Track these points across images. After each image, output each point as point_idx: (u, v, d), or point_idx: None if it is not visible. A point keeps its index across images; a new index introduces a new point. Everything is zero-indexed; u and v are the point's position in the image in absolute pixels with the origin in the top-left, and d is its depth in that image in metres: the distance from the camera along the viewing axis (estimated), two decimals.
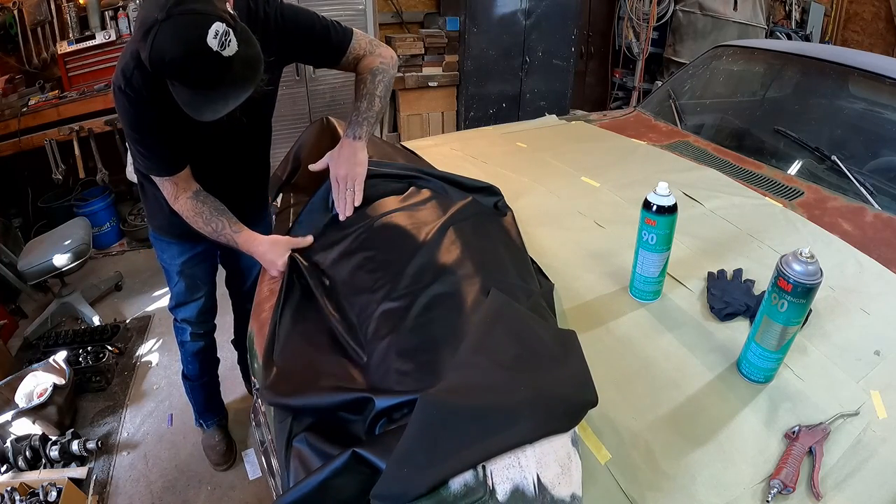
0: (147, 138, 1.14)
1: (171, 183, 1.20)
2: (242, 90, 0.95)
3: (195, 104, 0.94)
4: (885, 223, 1.36)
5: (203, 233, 1.23)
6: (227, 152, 1.32)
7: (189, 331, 1.63)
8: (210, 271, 1.60)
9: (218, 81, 0.92)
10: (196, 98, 0.93)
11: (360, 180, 1.20)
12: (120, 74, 1.06)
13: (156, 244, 1.52)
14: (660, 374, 0.93)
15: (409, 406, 0.72)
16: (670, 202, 1.01)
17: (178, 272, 1.52)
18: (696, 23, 4.25)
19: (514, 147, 1.86)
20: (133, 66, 1.04)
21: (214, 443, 1.84)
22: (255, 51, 0.96)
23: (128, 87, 1.06)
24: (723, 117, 2.08)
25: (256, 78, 0.96)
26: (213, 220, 1.21)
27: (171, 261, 1.51)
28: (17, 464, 1.73)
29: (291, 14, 1.20)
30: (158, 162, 1.18)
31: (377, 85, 1.26)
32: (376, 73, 1.26)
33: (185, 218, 1.23)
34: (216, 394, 1.88)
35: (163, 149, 1.16)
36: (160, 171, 1.19)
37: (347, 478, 0.67)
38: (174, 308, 1.61)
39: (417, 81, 3.86)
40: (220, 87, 0.93)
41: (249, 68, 0.95)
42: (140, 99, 1.07)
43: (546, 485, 0.66)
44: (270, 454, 1.07)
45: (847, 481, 0.77)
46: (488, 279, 0.96)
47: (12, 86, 3.01)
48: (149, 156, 1.16)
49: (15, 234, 3.04)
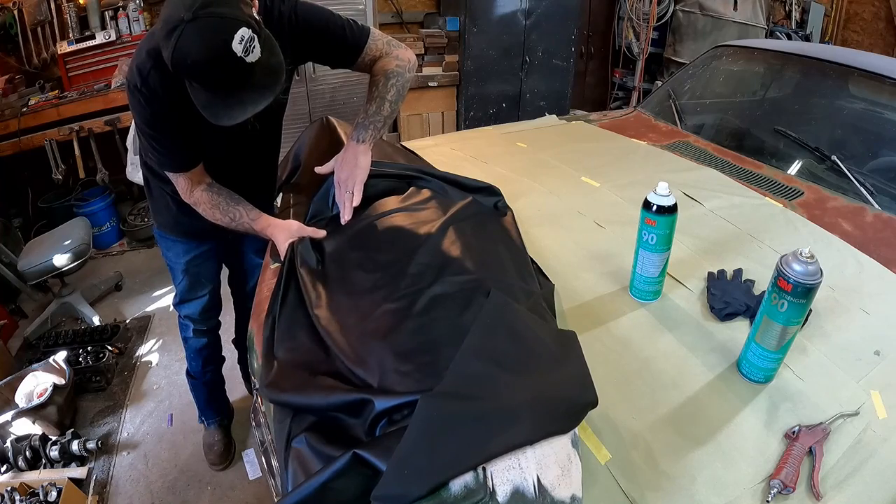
0: (161, 136, 1.13)
1: (185, 178, 1.20)
2: (262, 97, 0.94)
3: (213, 108, 0.93)
4: (885, 223, 1.36)
5: (220, 223, 1.22)
6: (239, 155, 1.32)
7: (192, 327, 1.64)
8: (214, 269, 1.60)
9: (239, 87, 0.91)
10: (215, 102, 0.93)
11: (359, 183, 1.19)
12: (136, 72, 1.05)
13: (161, 242, 1.52)
14: (660, 374, 0.93)
15: (409, 407, 0.72)
16: (670, 202, 1.01)
17: (182, 270, 1.52)
18: (696, 23, 4.25)
19: (514, 147, 1.86)
20: (150, 66, 1.04)
21: (213, 442, 1.84)
22: (277, 59, 0.95)
23: (144, 86, 1.05)
24: (723, 117, 2.08)
25: (277, 86, 0.96)
26: (230, 209, 1.21)
27: (176, 259, 1.51)
28: (17, 464, 1.73)
29: (306, 13, 1.17)
30: (172, 158, 1.17)
31: (389, 89, 1.23)
32: (390, 76, 1.24)
33: (201, 210, 1.22)
34: (220, 392, 1.87)
35: (176, 147, 1.15)
36: (173, 167, 1.19)
37: (348, 479, 0.67)
38: (178, 304, 1.61)
39: (417, 81, 3.85)
40: (241, 93, 0.92)
41: (271, 75, 0.95)
42: (155, 98, 1.06)
43: (546, 486, 0.66)
44: (270, 454, 1.07)
45: (847, 481, 0.77)
46: (488, 279, 0.96)
47: (12, 86, 3.01)
48: (163, 151, 1.16)
49: (15, 234, 3.04)
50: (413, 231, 1.11)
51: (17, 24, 2.97)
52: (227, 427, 1.90)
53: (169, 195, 1.34)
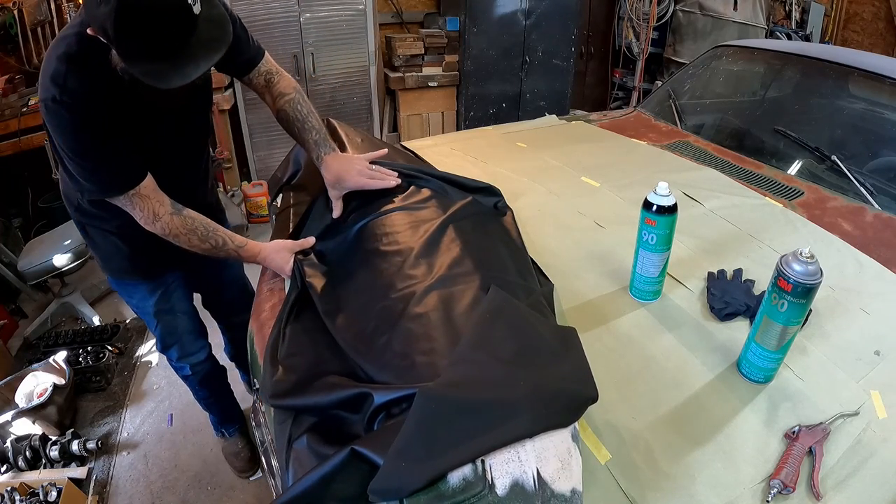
0: (99, 149, 1.00)
1: (141, 198, 1.06)
2: (214, 51, 0.89)
3: (161, 72, 0.86)
4: (885, 223, 1.36)
5: (198, 251, 1.13)
6: (176, 153, 1.23)
7: (189, 366, 1.58)
8: (187, 297, 1.51)
9: (187, 41, 0.85)
10: (162, 65, 0.86)
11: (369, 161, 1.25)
12: (50, 85, 0.95)
13: (121, 291, 1.41)
14: (660, 374, 0.93)
15: (407, 401, 0.71)
16: (670, 202, 1.01)
17: (154, 313, 1.41)
18: (696, 23, 4.26)
19: (514, 147, 1.86)
20: (64, 70, 0.95)
21: (238, 450, 1.81)
22: (218, 11, 0.91)
23: (64, 94, 0.94)
24: (723, 117, 2.08)
25: (226, 38, 0.91)
26: (210, 236, 1.12)
27: (144, 303, 1.40)
28: (17, 464, 1.73)
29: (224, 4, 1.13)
30: (117, 174, 1.04)
31: (310, 104, 1.28)
32: (302, 92, 1.27)
33: (174, 238, 1.10)
34: (232, 401, 1.84)
35: (117, 157, 1.02)
36: (123, 185, 1.04)
37: (346, 475, 0.67)
38: (164, 350, 1.53)
39: (417, 81, 3.86)
40: (189, 49, 0.86)
41: (218, 27, 0.89)
42: (79, 102, 0.96)
43: (546, 479, 0.66)
44: (270, 454, 1.07)
45: (847, 481, 0.77)
46: (488, 276, 0.96)
47: (12, 86, 3.01)
48: (105, 169, 1.03)
49: (15, 234, 3.04)
50: (413, 229, 1.11)
51: (17, 24, 2.97)
52: (248, 432, 1.86)
53: (115, 235, 1.23)
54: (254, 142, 3.65)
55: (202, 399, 1.75)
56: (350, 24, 3.57)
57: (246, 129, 3.61)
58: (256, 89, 1.28)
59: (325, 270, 1.12)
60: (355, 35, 3.61)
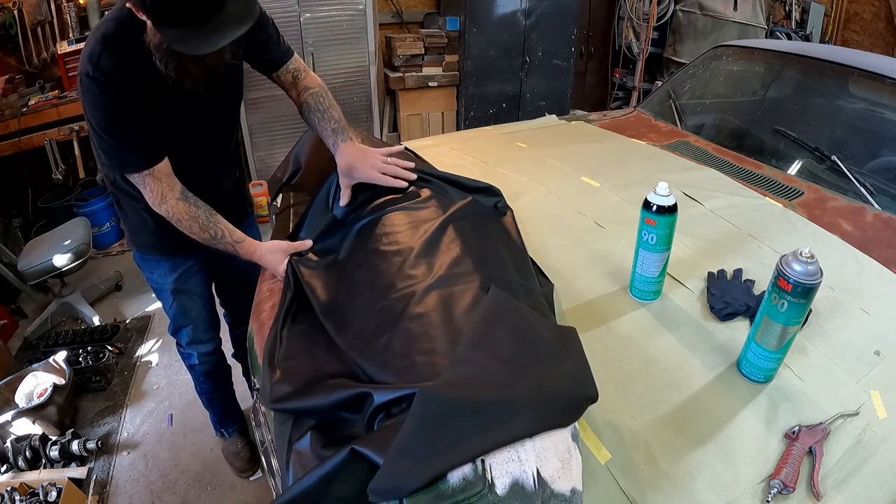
0: (122, 127, 1.07)
1: (154, 179, 1.12)
2: (239, 24, 0.94)
3: (189, 40, 0.92)
4: (885, 223, 1.36)
5: (197, 239, 1.17)
6: (200, 141, 1.27)
7: (196, 354, 1.58)
8: (205, 282, 1.53)
9: (215, 10, 0.91)
10: (190, 34, 0.92)
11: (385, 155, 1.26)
12: (86, 62, 1.03)
13: (143, 265, 1.44)
14: (660, 374, 0.93)
15: (407, 400, 0.71)
16: (670, 202, 1.01)
17: (171, 290, 1.44)
18: (696, 23, 4.26)
19: (514, 147, 1.86)
20: (100, 50, 1.02)
21: (237, 449, 1.82)
22: None
23: (97, 71, 1.02)
24: (723, 117, 2.08)
25: (252, 14, 0.96)
26: (210, 226, 1.16)
27: (163, 280, 1.43)
28: (17, 464, 1.73)
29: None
30: (136, 152, 1.10)
31: (332, 97, 1.33)
32: (326, 89, 1.33)
33: (177, 222, 1.15)
34: (233, 401, 1.85)
35: (139, 138, 1.09)
36: (139, 164, 1.11)
37: (346, 474, 0.67)
38: (175, 332, 1.55)
39: (417, 81, 3.86)
40: (216, 22, 0.92)
41: (245, 6, 0.96)
42: (110, 81, 1.03)
43: (546, 479, 0.66)
44: (270, 454, 1.07)
45: (847, 481, 0.77)
46: (488, 276, 0.96)
47: (12, 86, 3.02)
48: (125, 147, 1.10)
49: (15, 234, 3.05)
50: (412, 229, 1.11)
51: (17, 24, 2.98)
52: (247, 432, 1.86)
53: (143, 210, 1.26)
54: (254, 142, 3.64)
55: (205, 394, 1.74)
56: (350, 24, 3.56)
57: (246, 129, 3.61)
58: (284, 86, 1.34)
59: (324, 270, 1.12)
60: (355, 35, 3.61)
